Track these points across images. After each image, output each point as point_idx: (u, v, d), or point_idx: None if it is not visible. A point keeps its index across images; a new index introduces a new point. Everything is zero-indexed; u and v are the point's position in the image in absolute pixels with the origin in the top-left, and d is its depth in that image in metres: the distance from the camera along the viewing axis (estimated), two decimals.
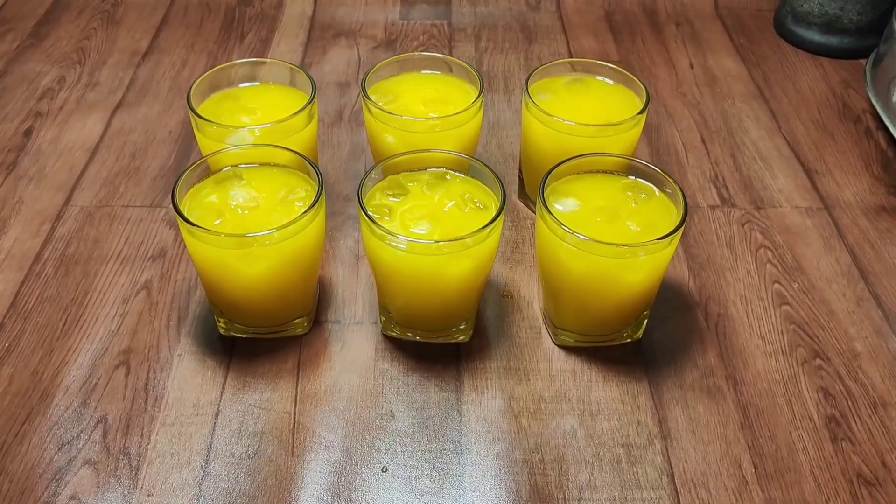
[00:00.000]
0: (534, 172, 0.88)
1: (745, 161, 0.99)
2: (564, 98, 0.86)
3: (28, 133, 0.99)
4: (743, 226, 0.90)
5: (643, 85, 0.84)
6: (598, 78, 0.88)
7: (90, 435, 0.68)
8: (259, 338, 0.76)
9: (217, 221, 0.69)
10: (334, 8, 1.25)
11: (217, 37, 1.18)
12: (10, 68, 1.10)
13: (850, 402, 0.72)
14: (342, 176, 0.94)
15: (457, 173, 0.75)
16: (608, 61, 0.88)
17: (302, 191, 0.72)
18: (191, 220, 0.67)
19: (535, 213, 0.90)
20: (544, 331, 0.78)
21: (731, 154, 1.00)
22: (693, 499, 0.65)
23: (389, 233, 0.66)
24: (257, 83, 0.87)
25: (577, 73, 0.88)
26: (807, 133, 1.04)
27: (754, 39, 1.21)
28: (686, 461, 0.68)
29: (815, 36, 1.17)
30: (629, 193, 0.74)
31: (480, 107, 0.82)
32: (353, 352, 0.75)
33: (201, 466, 0.66)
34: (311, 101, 0.80)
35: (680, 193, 0.71)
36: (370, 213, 0.68)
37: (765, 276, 0.84)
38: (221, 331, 0.76)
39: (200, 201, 0.71)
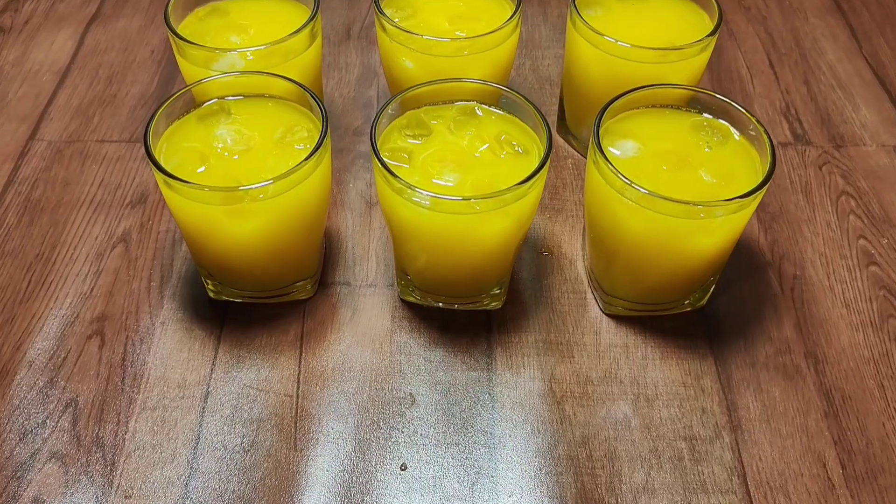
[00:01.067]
0: (579, 103, 0.74)
1: (820, 89, 0.85)
2: (618, 14, 0.71)
3: None
4: (820, 168, 0.77)
5: (716, 2, 0.69)
6: None
7: (57, 422, 0.58)
8: (255, 302, 0.64)
9: (200, 169, 0.57)
10: None
11: None
12: None
13: None
14: (351, 105, 0.81)
15: (489, 108, 0.62)
16: None
17: (303, 130, 0.60)
18: (167, 168, 0.55)
19: (577, 150, 0.77)
20: (590, 296, 0.66)
21: (804, 80, 0.86)
22: None
23: (409, 185, 0.54)
24: None
25: None
26: (893, 55, 0.89)
27: None
28: (760, 459, 0.57)
29: None
30: (700, 134, 0.61)
31: (517, 24, 0.68)
32: (366, 320, 0.64)
33: (188, 462, 0.56)
34: (313, 17, 0.66)
35: (765, 136, 0.58)
36: (385, 160, 0.56)
37: (847, 229, 0.71)
38: (211, 294, 0.65)
39: (180, 143, 0.59)
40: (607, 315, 0.65)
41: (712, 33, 0.66)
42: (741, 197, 0.54)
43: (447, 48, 0.65)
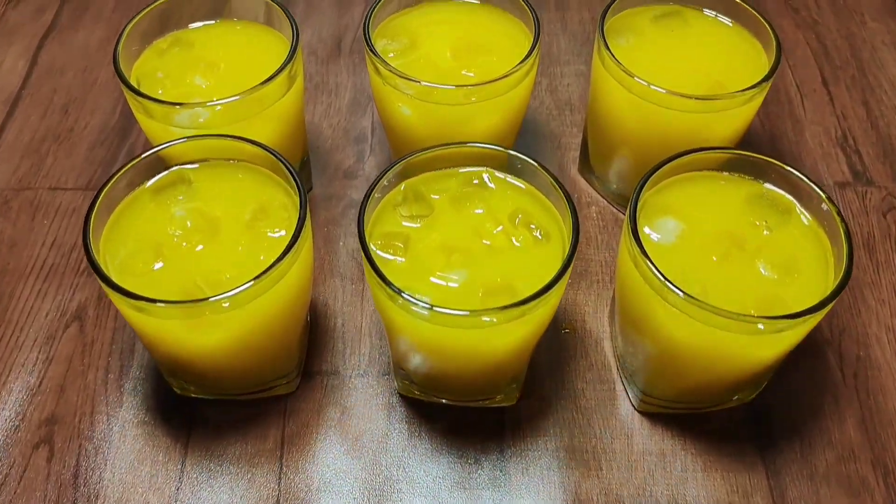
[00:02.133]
0: (605, 144, 0.64)
1: (882, 112, 0.73)
2: (653, 42, 0.60)
3: None
4: (885, 215, 0.66)
5: (770, 27, 0.58)
6: (705, 11, 0.61)
7: None
8: (228, 400, 0.55)
9: (157, 265, 0.47)
10: None
11: None
12: None
13: None
14: (341, 139, 0.70)
15: (501, 175, 0.51)
16: None
17: (279, 208, 0.50)
18: (116, 260, 0.46)
19: (602, 195, 0.67)
20: (619, 386, 0.57)
21: (862, 101, 0.74)
22: None
23: (402, 294, 0.44)
24: (218, 20, 0.62)
25: (673, 3, 0.62)
26: None
27: None
28: None
29: None
30: (757, 210, 0.50)
31: (536, 60, 0.57)
32: (357, 422, 0.55)
33: None
34: (290, 59, 0.56)
35: (839, 222, 0.47)
36: (375, 253, 0.46)
37: None
38: (177, 390, 0.55)
39: (131, 228, 0.49)
40: (640, 412, 0.55)
41: (768, 77, 0.55)
42: (810, 311, 0.44)
43: (451, 95, 0.55)
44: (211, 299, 0.43)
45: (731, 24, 0.61)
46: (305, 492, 0.52)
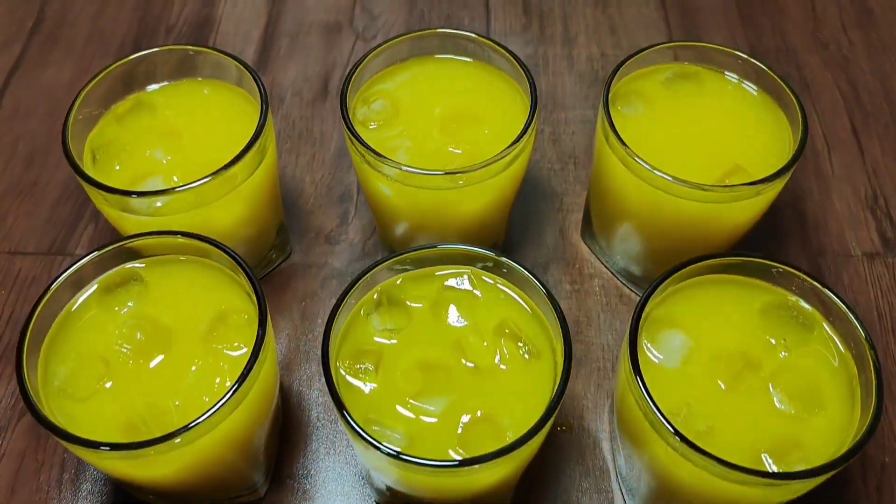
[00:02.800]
0: (607, 217, 0.58)
1: None
2: (663, 111, 0.54)
3: None
4: None
5: (794, 96, 0.52)
6: (726, 74, 0.55)
7: None
8: None
9: (107, 384, 0.43)
10: None
11: None
12: None
13: None
14: (324, 198, 0.65)
15: (488, 278, 0.46)
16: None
17: (239, 318, 0.45)
18: (54, 386, 0.41)
19: (604, 264, 0.61)
20: (618, 496, 0.52)
21: (895, 155, 0.68)
22: None
23: (378, 446, 0.39)
24: (184, 79, 0.56)
25: (686, 63, 0.56)
26: None
27: None
28: None
29: None
30: (775, 325, 0.45)
31: (531, 137, 0.51)
32: None
33: None
34: (258, 134, 0.50)
35: (869, 353, 0.42)
36: (338, 385, 0.41)
37: None
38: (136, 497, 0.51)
39: (74, 340, 0.44)
40: None
41: (791, 163, 0.49)
42: (829, 468, 0.38)
43: (437, 181, 0.49)
44: (155, 443, 0.39)
45: (752, 90, 0.54)
46: None
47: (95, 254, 0.45)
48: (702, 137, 0.52)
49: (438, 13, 0.78)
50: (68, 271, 0.44)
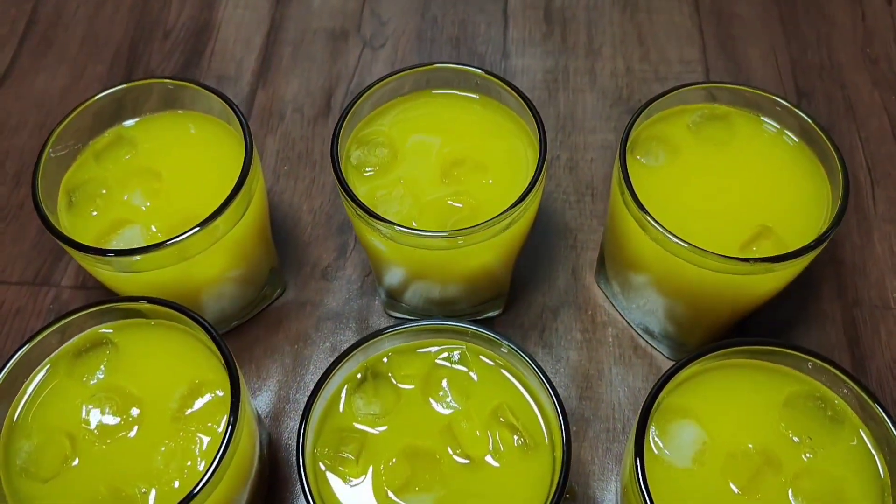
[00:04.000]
0: (622, 272, 0.53)
1: None
2: (690, 163, 0.49)
3: None
4: None
5: (835, 151, 0.46)
6: (765, 121, 0.50)
7: None
8: None
9: (74, 462, 0.40)
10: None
11: None
12: None
13: None
14: (322, 229, 0.61)
15: (484, 356, 0.42)
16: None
17: (211, 394, 0.41)
18: (18, 464, 0.39)
19: (618, 311, 0.57)
20: None
21: None
22: None
23: None
24: (167, 112, 0.52)
25: (718, 103, 0.50)
26: None
27: None
28: None
29: None
30: (799, 421, 0.40)
31: (539, 189, 0.47)
32: None
33: None
34: (242, 180, 0.46)
35: (890, 426, 0.37)
36: (311, 482, 0.38)
37: None
38: None
39: (39, 413, 0.41)
40: None
41: (826, 234, 0.43)
42: None
43: (435, 242, 0.45)
44: None
45: (788, 138, 0.49)
46: None
47: (63, 322, 0.42)
48: (729, 193, 0.47)
49: (453, 18, 0.72)
50: (34, 340, 0.41)
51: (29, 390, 0.42)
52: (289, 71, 0.69)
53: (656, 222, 0.44)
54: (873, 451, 0.39)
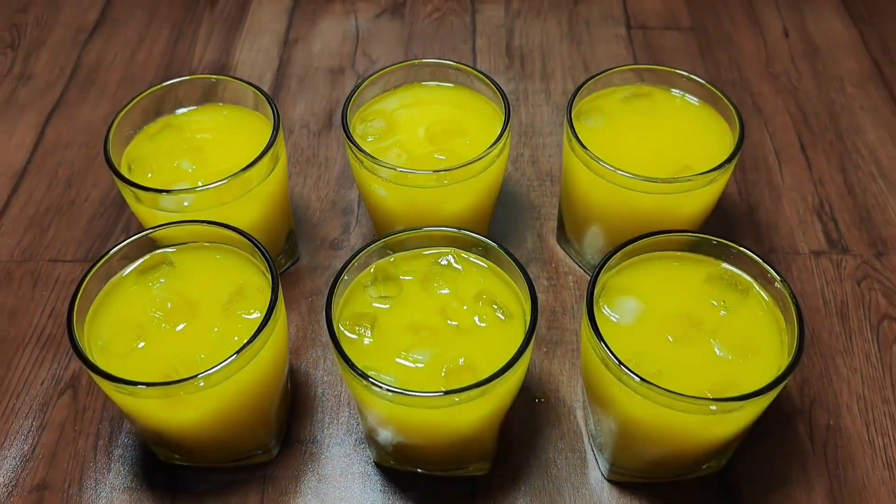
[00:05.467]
0: (578, 219, 0.66)
1: (859, 178, 0.75)
2: (621, 122, 0.62)
3: None
4: (859, 283, 0.67)
5: (733, 107, 0.60)
6: (673, 91, 0.64)
7: None
8: (211, 467, 0.57)
9: (140, 344, 0.50)
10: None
11: (182, 2, 0.94)
12: None
13: None
14: (329, 211, 0.73)
15: (468, 256, 0.54)
16: (678, 28, 0.63)
17: (255, 291, 0.52)
18: (98, 346, 0.49)
19: (579, 264, 0.69)
20: (590, 455, 0.58)
21: (840, 167, 0.76)
22: None
23: (372, 382, 0.46)
24: (207, 104, 0.65)
25: (641, 84, 0.65)
26: None
27: None
28: None
29: None
30: (715, 290, 0.52)
31: (506, 144, 0.60)
32: (334, 489, 0.56)
33: None
34: (271, 143, 0.59)
35: (790, 301, 0.49)
36: (339, 336, 0.49)
37: (891, 364, 0.62)
38: (161, 458, 0.58)
39: (115, 309, 0.52)
40: (610, 481, 0.57)
41: (730, 158, 0.57)
42: (760, 393, 0.45)
43: (424, 179, 0.57)
44: (184, 381, 0.46)
45: (698, 104, 0.63)
46: None
47: (133, 238, 0.53)
48: (655, 144, 0.60)
49: (430, 56, 0.87)
50: (109, 254, 0.52)
51: (104, 296, 0.52)
52: (296, 96, 0.83)
53: (600, 160, 0.57)
54: (772, 305, 0.51)
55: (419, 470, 0.57)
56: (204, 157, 0.61)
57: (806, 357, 0.63)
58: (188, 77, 0.64)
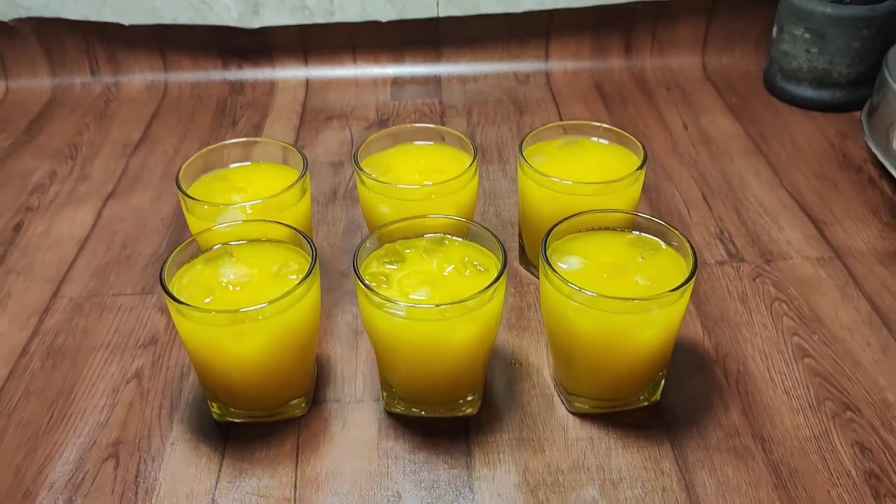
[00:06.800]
0: (534, 237, 0.85)
1: (749, 215, 0.97)
2: (559, 160, 0.84)
3: (18, 227, 0.97)
4: (754, 280, 0.87)
5: (639, 142, 0.82)
6: (593, 139, 0.87)
7: None
8: (255, 422, 0.71)
9: (207, 299, 0.67)
10: (325, 93, 1.26)
11: (209, 124, 1.18)
12: (1, 166, 1.09)
13: (888, 456, 0.68)
14: (338, 252, 0.92)
15: (455, 238, 0.72)
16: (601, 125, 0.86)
17: (296, 264, 0.70)
18: (180, 299, 0.65)
19: (538, 278, 0.87)
20: (557, 399, 0.73)
21: (734, 209, 0.98)
22: None
23: (387, 299, 0.63)
24: (248, 163, 0.86)
25: (571, 136, 0.87)
26: (809, 185, 1.02)
27: (746, 99, 1.21)
28: None
29: (806, 91, 1.17)
30: (635, 248, 0.71)
31: (475, 172, 0.81)
32: (355, 431, 0.71)
33: None
34: (302, 175, 0.79)
35: (687, 245, 0.68)
36: (367, 282, 0.66)
37: (782, 329, 0.80)
38: (215, 416, 0.72)
39: (190, 280, 0.69)
40: (572, 413, 0.72)
41: (640, 167, 0.78)
42: (671, 291, 0.63)
43: (417, 193, 0.77)
44: (249, 309, 0.62)
45: (610, 145, 0.85)
46: (315, 477, 0.67)
47: (202, 231, 0.71)
48: (584, 170, 0.82)
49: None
50: (185, 242, 0.70)
51: (180, 274, 0.69)
52: None
53: (545, 174, 0.78)
54: (678, 256, 0.70)
55: (423, 413, 0.72)
56: (248, 195, 0.81)
57: (717, 328, 0.81)
58: (229, 142, 0.85)
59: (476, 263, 0.69)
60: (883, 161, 0.98)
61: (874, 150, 1.01)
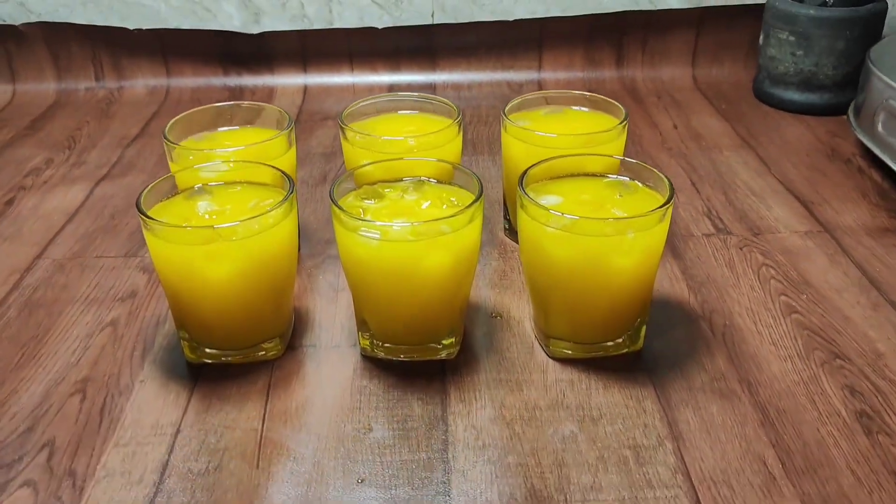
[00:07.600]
0: (511, 190, 0.85)
1: (737, 197, 0.96)
2: (542, 122, 0.85)
3: (10, 202, 0.98)
4: (741, 249, 0.86)
5: (620, 106, 0.83)
6: (575, 108, 0.87)
7: (34, 458, 0.61)
8: (228, 363, 0.70)
9: (186, 225, 0.66)
10: (323, 98, 1.28)
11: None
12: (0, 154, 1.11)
13: (880, 398, 0.65)
14: (323, 225, 0.92)
15: (434, 181, 0.72)
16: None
17: (272, 198, 0.70)
18: (157, 226, 0.65)
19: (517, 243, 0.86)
20: (537, 346, 0.72)
21: (722, 192, 0.98)
22: (714, 496, 0.57)
23: (362, 220, 0.63)
24: (236, 127, 0.87)
25: (554, 105, 0.88)
26: (798, 173, 1.02)
27: (735, 103, 1.23)
28: (702, 460, 0.60)
29: (794, 95, 1.19)
30: (613, 188, 0.71)
31: (459, 129, 0.81)
32: (330, 370, 0.69)
33: (154, 483, 0.58)
34: (288, 126, 0.80)
35: (666, 181, 0.68)
36: (341, 204, 0.66)
37: (770, 290, 0.79)
38: (188, 357, 0.70)
39: (167, 211, 0.69)
40: (552, 358, 0.70)
41: (622, 122, 0.79)
42: (649, 212, 0.63)
43: (400, 146, 0.78)
44: (222, 226, 0.62)
45: (591, 109, 0.86)
46: (285, 410, 0.65)
47: (184, 168, 0.71)
48: (566, 127, 0.82)
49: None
50: (164, 177, 0.70)
51: (160, 207, 0.69)
52: (299, 168, 1.05)
53: (529, 129, 0.78)
54: (656, 193, 0.69)
55: (401, 357, 0.70)
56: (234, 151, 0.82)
57: (704, 288, 0.79)
58: (228, 103, 0.86)
59: (454, 199, 0.69)
60: (870, 146, 0.98)
61: (861, 137, 1.01)
